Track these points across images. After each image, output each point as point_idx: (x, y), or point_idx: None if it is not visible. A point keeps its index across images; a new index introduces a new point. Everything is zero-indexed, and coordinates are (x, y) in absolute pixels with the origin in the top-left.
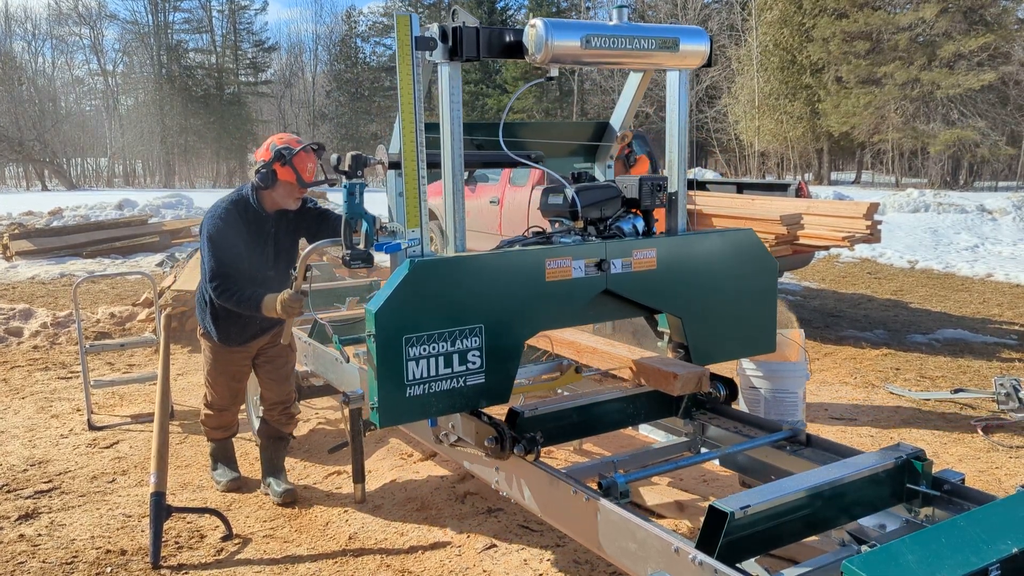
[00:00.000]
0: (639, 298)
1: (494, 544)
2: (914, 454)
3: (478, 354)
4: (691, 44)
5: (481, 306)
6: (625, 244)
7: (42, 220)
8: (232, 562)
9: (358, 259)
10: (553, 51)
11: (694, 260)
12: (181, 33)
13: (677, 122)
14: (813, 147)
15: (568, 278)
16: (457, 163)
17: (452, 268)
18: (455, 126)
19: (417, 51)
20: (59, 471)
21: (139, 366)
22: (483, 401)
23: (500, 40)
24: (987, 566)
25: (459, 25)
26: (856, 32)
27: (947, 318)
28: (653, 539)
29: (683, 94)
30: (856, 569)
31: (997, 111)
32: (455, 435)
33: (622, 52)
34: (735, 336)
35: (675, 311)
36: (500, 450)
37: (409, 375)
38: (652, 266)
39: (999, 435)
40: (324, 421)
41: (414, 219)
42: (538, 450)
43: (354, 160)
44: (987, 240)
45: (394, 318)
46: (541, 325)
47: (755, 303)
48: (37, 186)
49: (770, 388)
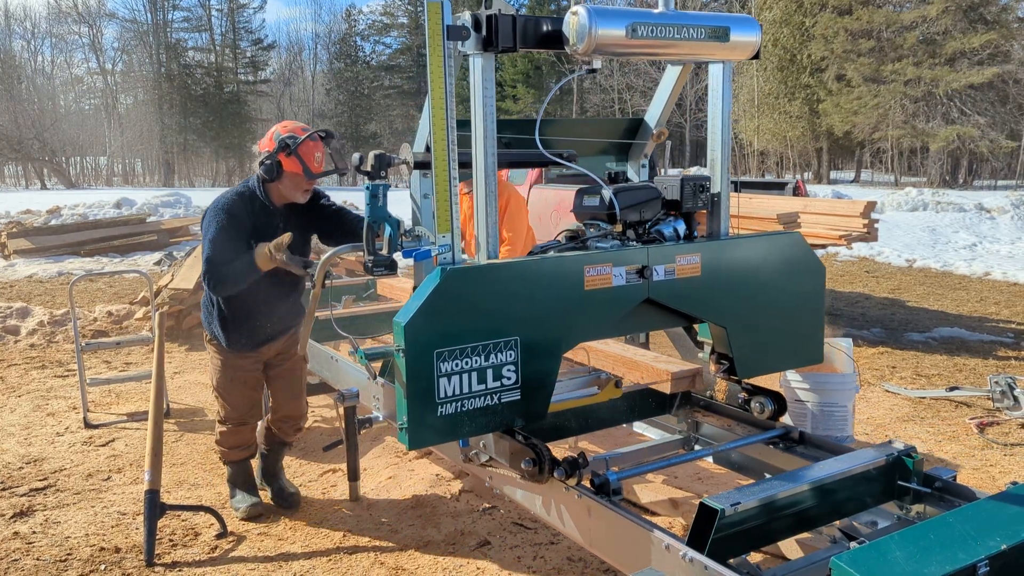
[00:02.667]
0: (682, 307)
1: (488, 541)
2: (905, 451)
3: (513, 369)
4: (742, 34)
5: (517, 317)
6: (668, 249)
7: (40, 219)
8: (226, 559)
9: (381, 266)
10: (597, 41)
11: (739, 266)
12: (180, 32)
13: (720, 117)
14: (812, 146)
15: (608, 286)
16: (490, 162)
17: (486, 276)
18: (488, 123)
19: (448, 41)
20: (54, 469)
21: (136, 364)
22: (518, 420)
23: (538, 29)
24: (975, 563)
25: (494, 13)
26: (858, 30)
27: (944, 316)
28: (645, 536)
29: (727, 88)
30: (844, 566)
31: (997, 109)
32: (486, 454)
33: (669, 42)
34: (781, 346)
35: (720, 320)
36: (538, 473)
37: (440, 392)
38: (696, 273)
39: (994, 433)
40: (319, 419)
41: (445, 223)
42: (581, 473)
43: (377, 160)
44: (985, 239)
45: (425, 331)
46: (579, 337)
47: (802, 311)
48: (36, 185)
49: (817, 401)
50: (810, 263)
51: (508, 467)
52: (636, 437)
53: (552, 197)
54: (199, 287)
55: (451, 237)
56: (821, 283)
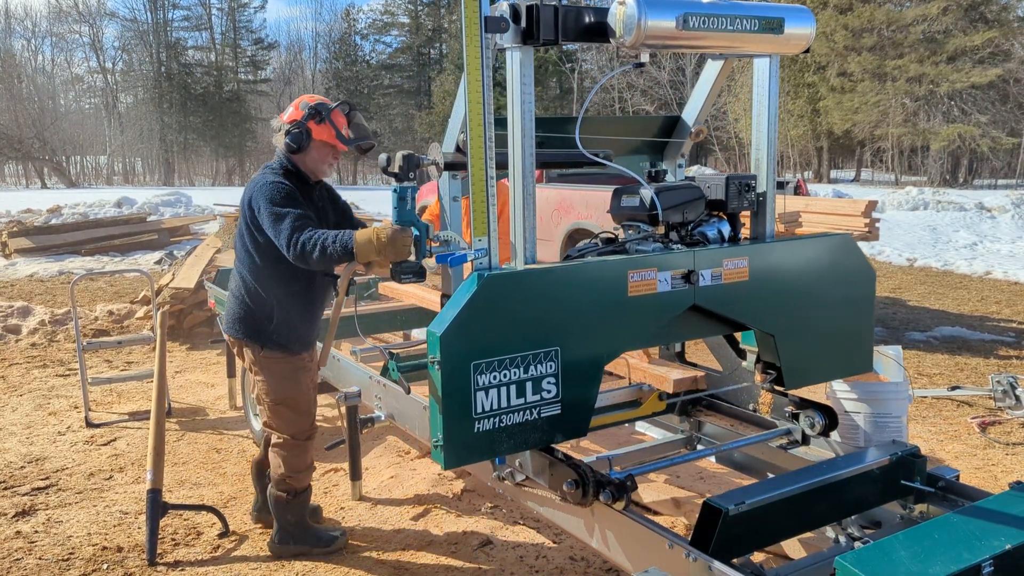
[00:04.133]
0: (730, 313)
1: (490, 541)
2: (909, 451)
3: (553, 381)
4: (797, 26)
5: (557, 326)
6: (715, 253)
7: (41, 218)
8: (228, 559)
9: (410, 273)
10: (646, 33)
11: (788, 270)
12: (180, 31)
13: (767, 115)
14: (813, 145)
15: (653, 292)
16: (528, 163)
17: (525, 283)
18: (527, 121)
19: (487, 33)
20: (56, 468)
21: (137, 363)
22: (559, 436)
23: (580, 21)
24: (980, 562)
25: (536, 3)
26: (859, 28)
27: (945, 316)
28: (648, 536)
29: (773, 83)
30: (849, 565)
31: (998, 108)
32: (522, 474)
33: (721, 35)
34: (830, 354)
35: (767, 327)
36: (582, 496)
37: (478, 407)
38: (744, 277)
39: (996, 432)
40: (321, 419)
41: (482, 226)
42: (628, 497)
43: (405, 160)
44: (986, 238)
45: (462, 342)
46: (623, 346)
47: (851, 317)
48: (36, 184)
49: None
50: (860, 267)
51: (547, 488)
52: (637, 437)
53: (553, 197)
54: (200, 286)
55: (487, 241)
56: (871, 288)
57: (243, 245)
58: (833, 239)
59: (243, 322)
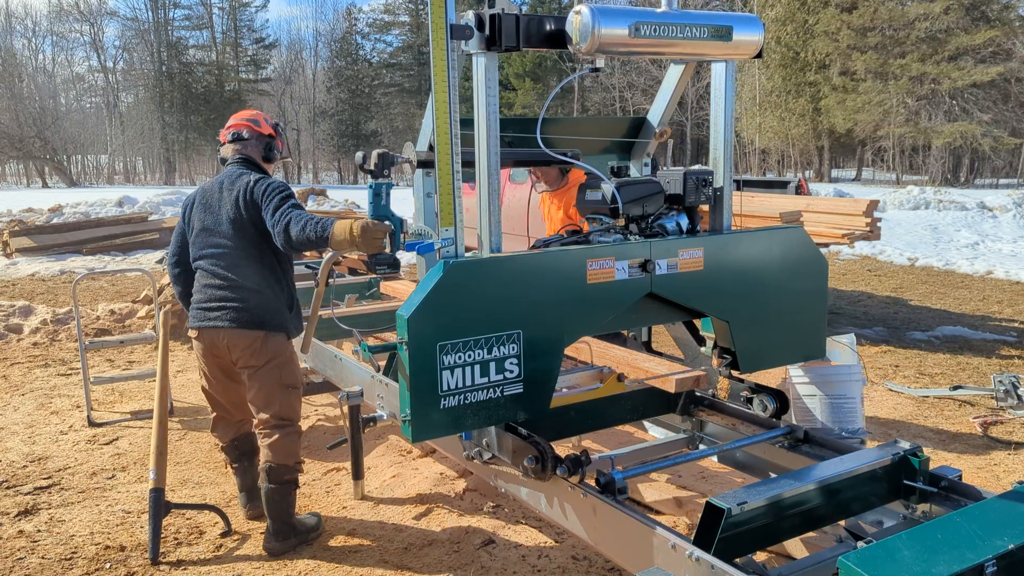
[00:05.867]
0: (685, 301)
1: (492, 540)
2: (911, 451)
3: (516, 362)
4: (745, 33)
5: (519, 310)
6: (671, 243)
7: (42, 217)
8: (231, 558)
9: (384, 264)
10: (600, 40)
11: (742, 260)
12: (181, 30)
13: (723, 115)
14: (814, 144)
15: (611, 280)
16: (493, 161)
17: (489, 269)
18: (491, 122)
19: (452, 40)
20: (58, 467)
21: (139, 363)
22: (522, 413)
23: (541, 29)
24: (983, 562)
25: (497, 12)
26: (861, 26)
27: (947, 315)
28: (650, 535)
29: (729, 87)
30: (852, 565)
31: (999, 107)
32: (489, 452)
33: (672, 42)
34: (784, 340)
35: (722, 314)
36: (541, 470)
37: (443, 385)
38: (699, 267)
39: (998, 432)
40: (323, 418)
41: (448, 217)
42: (583, 471)
43: (381, 158)
44: (987, 237)
45: (428, 324)
46: (582, 330)
47: (805, 305)
48: (37, 183)
49: (824, 395)
50: (813, 257)
51: (511, 465)
52: (639, 436)
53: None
54: None
55: (454, 231)
56: (824, 277)
57: (250, 242)
58: (786, 231)
59: (269, 314)
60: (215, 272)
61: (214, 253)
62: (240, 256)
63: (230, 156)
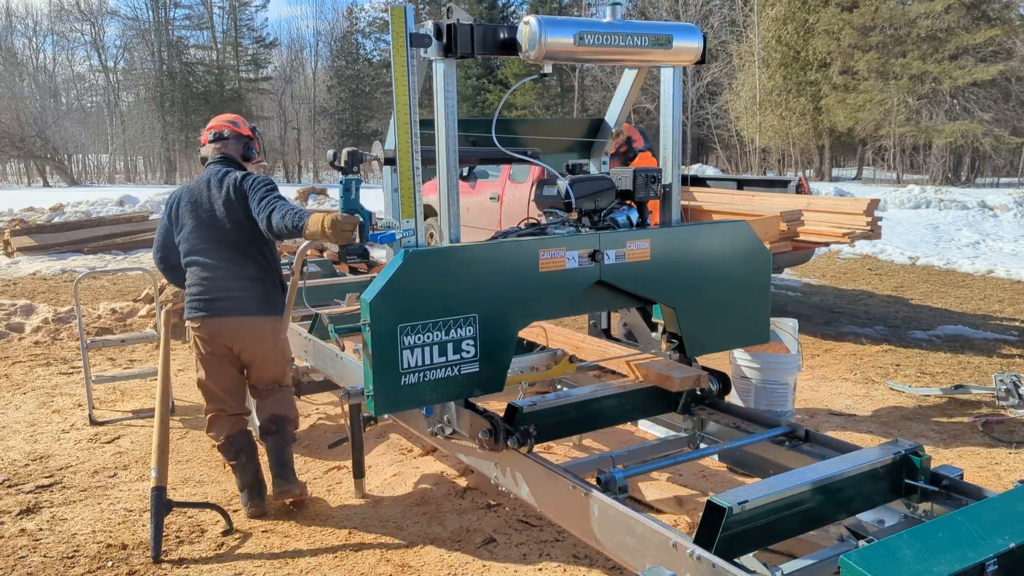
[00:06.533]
0: (633, 288)
1: (493, 539)
2: (912, 450)
3: (472, 343)
4: (684, 41)
5: (475, 296)
6: (619, 235)
7: (43, 216)
8: (232, 556)
9: (354, 254)
10: (547, 48)
11: (688, 251)
12: (182, 29)
13: (671, 117)
14: (815, 143)
15: (562, 269)
16: (452, 159)
17: (446, 258)
18: (450, 122)
19: (412, 48)
20: (60, 466)
21: (140, 361)
22: (477, 390)
23: (494, 37)
24: (984, 561)
25: (453, 22)
26: (862, 25)
27: (948, 314)
28: (651, 534)
29: (676, 91)
30: (854, 564)
31: (1000, 106)
32: (451, 428)
33: (615, 49)
34: (729, 327)
35: (669, 302)
36: (494, 443)
37: (404, 364)
38: (646, 257)
39: (999, 431)
40: (324, 416)
41: (408, 210)
42: (532, 443)
43: (350, 156)
44: (988, 236)
45: (389, 307)
46: (535, 315)
47: (748, 294)
48: (38, 182)
49: (761, 379)
50: (756, 250)
51: (469, 439)
52: (639, 435)
53: None
54: None
55: (415, 223)
56: (767, 269)
57: (244, 234)
58: (730, 225)
59: (269, 300)
60: (214, 265)
61: (210, 247)
62: (236, 248)
63: (211, 155)
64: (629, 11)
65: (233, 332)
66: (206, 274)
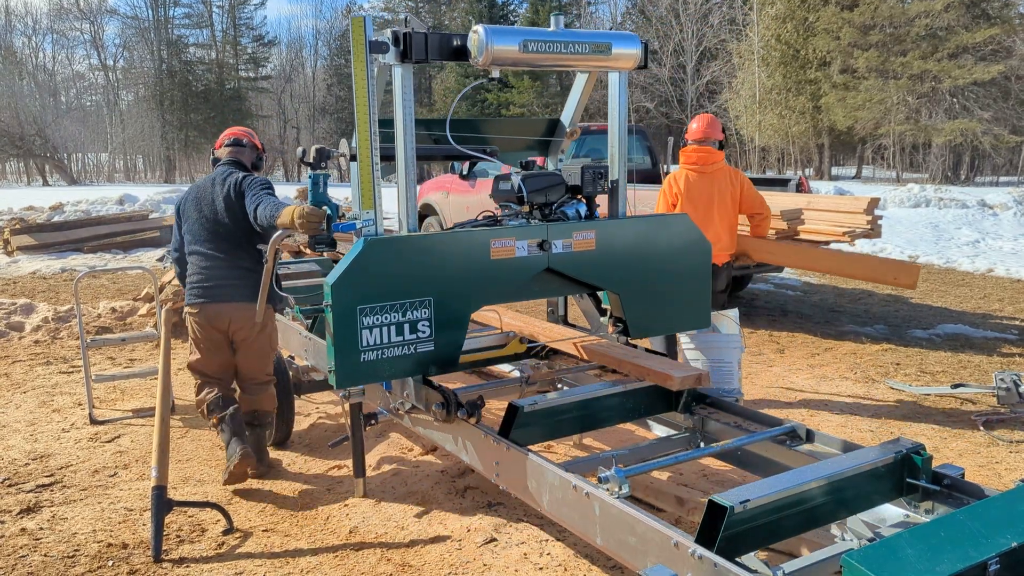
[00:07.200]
0: (579, 275)
1: (494, 538)
2: (914, 449)
3: (427, 324)
4: (623, 48)
5: (430, 281)
6: (566, 226)
7: (43, 215)
8: (233, 556)
9: (323, 243)
10: (493, 55)
11: (631, 241)
12: (181, 28)
13: (618, 118)
14: (814, 142)
15: (512, 257)
16: (409, 155)
17: (403, 245)
18: (408, 122)
19: (371, 54)
20: (60, 465)
21: (140, 361)
22: (432, 367)
23: (447, 44)
24: (986, 560)
25: (408, 31)
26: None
27: (948, 313)
28: (653, 533)
29: (622, 94)
30: (856, 563)
31: (999, 105)
32: (410, 403)
33: (558, 56)
34: (671, 311)
35: (613, 288)
36: (447, 414)
37: (363, 342)
38: (591, 247)
39: (999, 430)
40: (324, 416)
41: (368, 202)
42: (479, 413)
43: (318, 153)
44: (988, 235)
45: (349, 290)
46: (487, 299)
47: (689, 281)
48: (38, 181)
49: (706, 359)
50: (697, 241)
51: (426, 412)
52: (640, 434)
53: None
54: None
55: (374, 214)
56: (707, 258)
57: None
58: (672, 218)
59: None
60: (213, 255)
61: (211, 239)
62: (234, 240)
63: (225, 157)
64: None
65: (228, 316)
66: (205, 264)
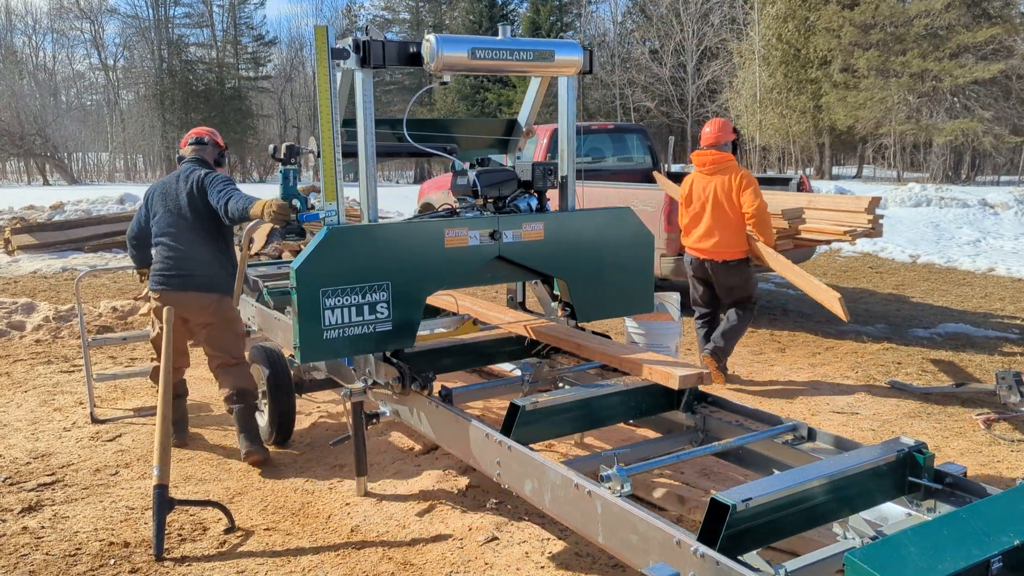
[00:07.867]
0: (529, 263)
1: (495, 537)
2: (916, 447)
3: (386, 306)
4: (566, 55)
5: (388, 266)
6: (516, 218)
7: (44, 214)
8: (235, 554)
9: (292, 232)
10: (444, 61)
11: (578, 232)
12: (181, 28)
13: (567, 118)
14: (815, 141)
15: (465, 245)
16: (370, 152)
17: (363, 234)
18: (368, 122)
19: (333, 60)
20: (62, 464)
21: (141, 360)
22: (390, 345)
23: (403, 51)
24: (989, 558)
25: (367, 39)
26: (862, 23)
27: (949, 312)
28: (654, 531)
29: (571, 96)
30: (858, 562)
31: (1000, 104)
32: (372, 379)
33: (504, 62)
34: (615, 298)
35: (561, 275)
36: (402, 387)
37: (326, 321)
38: (540, 237)
39: (1001, 428)
40: (326, 415)
41: (331, 193)
42: (431, 386)
43: (288, 149)
44: (989, 234)
45: (312, 274)
46: (441, 284)
47: (633, 270)
48: (38, 180)
49: (647, 343)
50: (640, 232)
51: (385, 387)
52: (641, 433)
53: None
54: None
55: (336, 204)
56: (650, 249)
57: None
58: (617, 211)
59: (219, 280)
60: (175, 247)
61: (173, 232)
62: (194, 233)
63: (188, 155)
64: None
65: (184, 304)
66: (169, 254)
